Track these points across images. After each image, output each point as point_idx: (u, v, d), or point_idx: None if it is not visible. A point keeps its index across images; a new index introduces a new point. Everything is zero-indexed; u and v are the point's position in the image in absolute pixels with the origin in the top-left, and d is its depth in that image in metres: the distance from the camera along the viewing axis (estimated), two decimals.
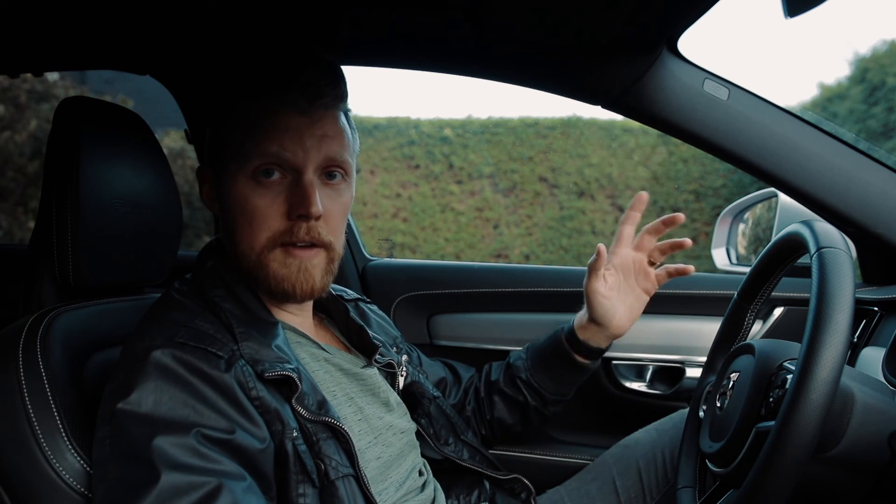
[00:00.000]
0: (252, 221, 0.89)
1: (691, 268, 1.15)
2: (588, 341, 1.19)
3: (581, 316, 1.21)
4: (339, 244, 0.95)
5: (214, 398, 0.79)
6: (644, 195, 1.16)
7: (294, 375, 0.85)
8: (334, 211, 0.93)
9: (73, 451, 0.80)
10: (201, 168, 1.00)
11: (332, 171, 0.92)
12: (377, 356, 1.06)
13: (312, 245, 0.91)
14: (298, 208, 0.88)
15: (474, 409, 1.28)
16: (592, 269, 1.15)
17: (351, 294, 1.15)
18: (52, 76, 5.04)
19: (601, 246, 1.13)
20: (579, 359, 1.21)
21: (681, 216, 1.14)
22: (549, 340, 1.24)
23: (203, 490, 0.72)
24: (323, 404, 0.88)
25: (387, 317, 1.25)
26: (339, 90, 0.92)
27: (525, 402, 1.25)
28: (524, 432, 1.30)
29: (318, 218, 0.89)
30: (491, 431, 1.28)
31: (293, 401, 0.85)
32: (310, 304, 1.05)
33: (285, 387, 0.85)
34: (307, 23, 1.10)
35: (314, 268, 0.91)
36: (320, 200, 0.89)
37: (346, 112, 0.96)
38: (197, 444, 0.75)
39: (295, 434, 0.84)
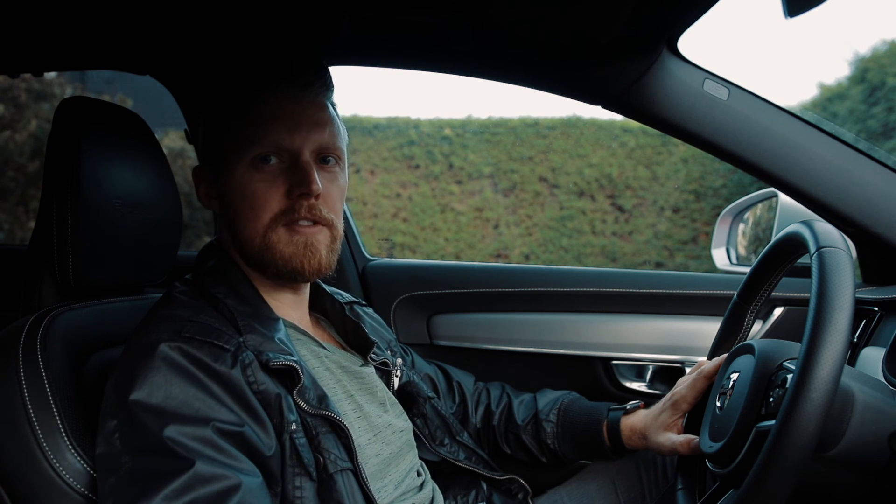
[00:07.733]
0: (254, 204, 0.91)
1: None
2: (627, 441, 1.15)
3: (637, 416, 1.15)
4: (340, 224, 0.97)
5: (221, 394, 0.80)
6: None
7: (297, 367, 0.86)
8: (332, 191, 0.95)
9: (73, 450, 0.80)
10: (197, 167, 1.01)
11: (326, 156, 0.95)
12: (372, 354, 1.07)
13: (315, 223, 0.93)
14: (300, 187, 0.90)
15: (480, 431, 1.28)
16: (704, 375, 1.06)
17: (346, 297, 1.16)
18: (49, 74, 5.04)
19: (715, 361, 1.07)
20: (608, 444, 1.17)
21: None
22: (587, 419, 1.19)
23: (223, 483, 0.73)
24: (323, 399, 0.89)
25: (382, 320, 1.25)
26: (325, 79, 0.96)
27: (541, 458, 1.24)
28: None
29: (317, 196, 0.91)
30: (492, 448, 1.28)
31: (294, 393, 0.86)
32: (307, 302, 1.05)
33: (287, 379, 0.86)
34: (308, 23, 1.10)
35: (319, 244, 0.93)
36: (319, 180, 0.91)
37: (333, 104, 1.00)
38: (215, 437, 0.76)
39: (294, 427, 0.84)
